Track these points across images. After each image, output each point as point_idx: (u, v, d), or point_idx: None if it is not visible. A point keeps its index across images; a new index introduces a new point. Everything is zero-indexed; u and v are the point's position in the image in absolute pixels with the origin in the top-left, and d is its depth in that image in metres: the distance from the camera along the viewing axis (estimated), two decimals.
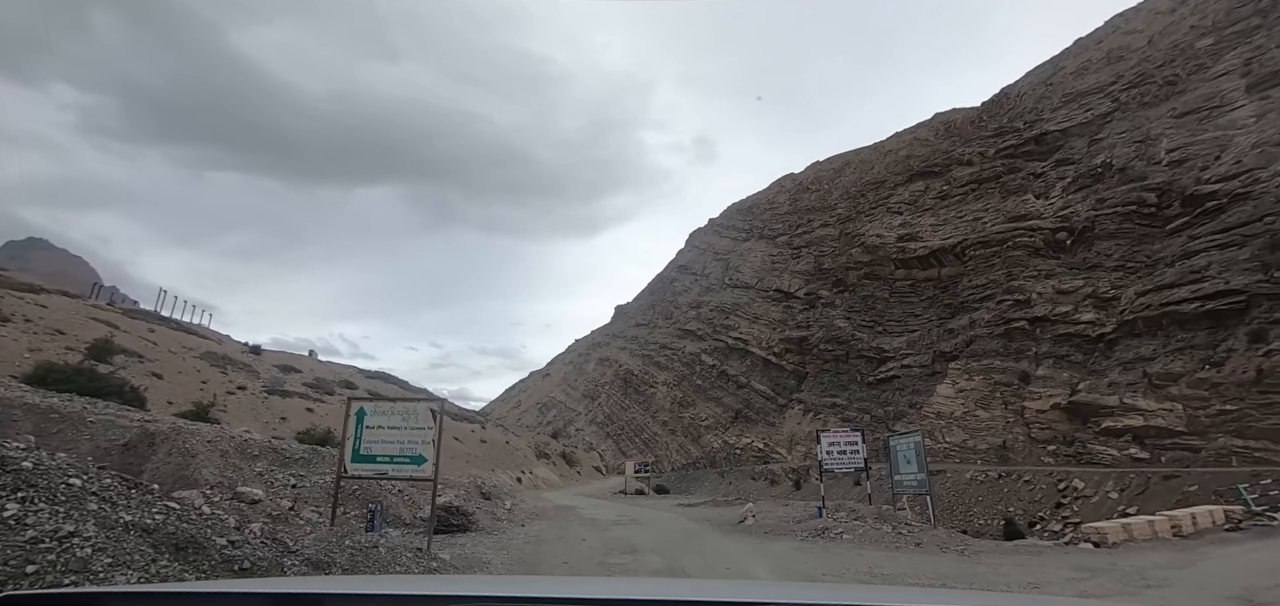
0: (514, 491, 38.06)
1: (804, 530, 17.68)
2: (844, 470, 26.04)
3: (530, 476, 51.63)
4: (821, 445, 24.69)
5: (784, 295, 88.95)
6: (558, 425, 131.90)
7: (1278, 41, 49.61)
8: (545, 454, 64.15)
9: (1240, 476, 34.08)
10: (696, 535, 18.29)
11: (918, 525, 19.27)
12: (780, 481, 75.74)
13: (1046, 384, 47.29)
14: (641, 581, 5.65)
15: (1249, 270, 39.26)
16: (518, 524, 19.77)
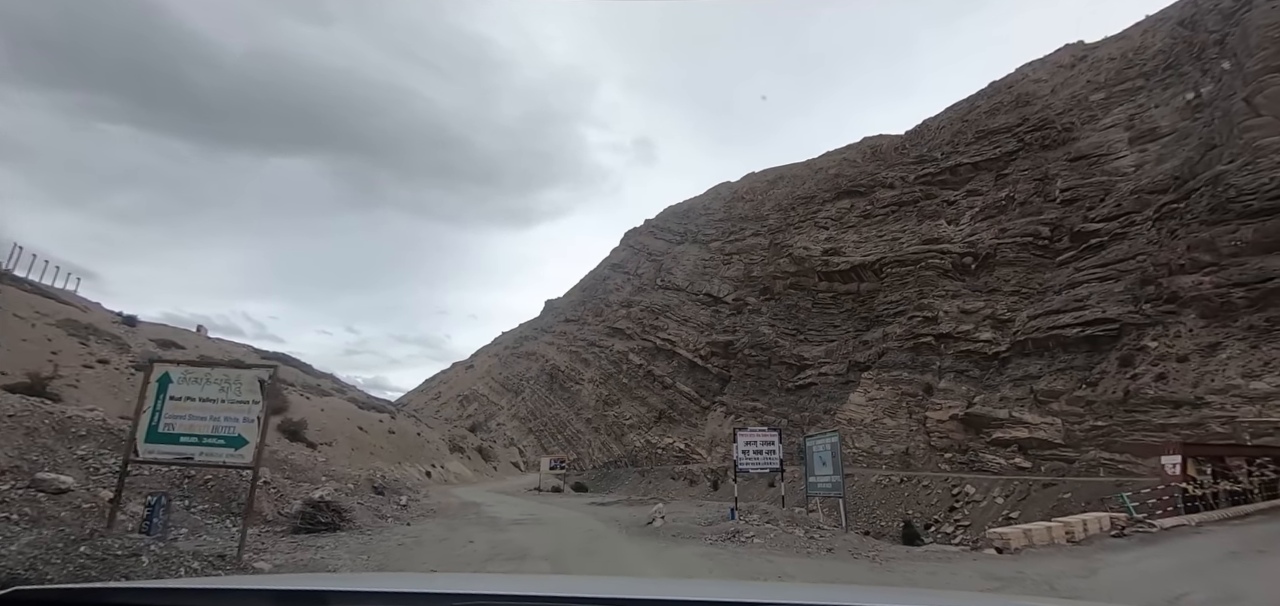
0: (419, 487, 35.89)
1: (714, 533, 16.90)
2: (759, 471, 24.32)
3: (442, 471, 49.09)
4: (737, 444, 23.36)
5: (713, 299, 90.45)
6: (478, 419, 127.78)
7: (1156, 102, 55.67)
8: (460, 448, 61.48)
9: (1106, 486, 37.52)
10: (601, 537, 17.22)
11: (830, 529, 18.97)
12: (699, 481, 76.69)
13: (947, 396, 50.40)
14: (641, 581, 5.73)
15: (1122, 302, 43.53)
16: (404, 523, 18.11)
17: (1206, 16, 55.68)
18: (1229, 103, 46.23)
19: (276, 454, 22.16)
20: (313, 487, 17.15)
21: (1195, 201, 44.29)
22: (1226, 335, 36.14)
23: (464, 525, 19.09)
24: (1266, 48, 45.51)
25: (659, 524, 20.95)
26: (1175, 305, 39.67)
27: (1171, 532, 14.87)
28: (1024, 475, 40.80)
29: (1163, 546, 12.61)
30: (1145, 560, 11.02)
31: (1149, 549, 12.27)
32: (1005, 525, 41.68)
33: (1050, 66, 73.41)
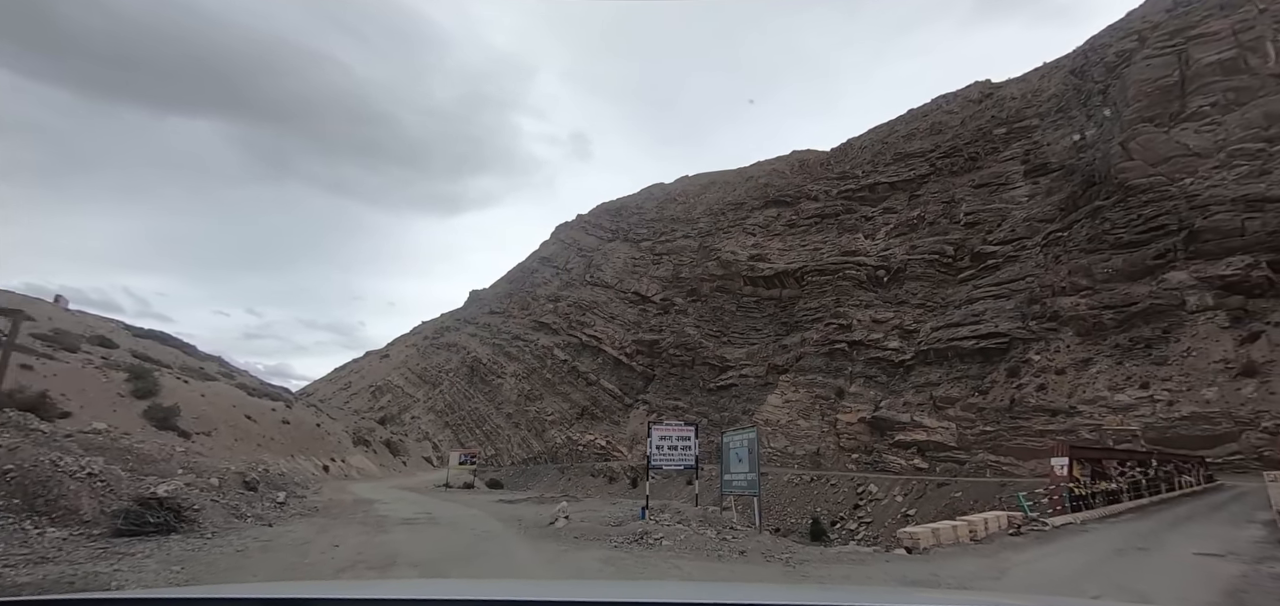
0: (311, 483, 32.89)
1: (621, 534, 15.67)
2: (674, 468, 22.84)
3: (342, 465, 45.59)
4: (652, 439, 21.90)
5: (641, 298, 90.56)
6: (391, 411, 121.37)
7: (1049, 140, 61.17)
8: (365, 441, 57.52)
9: (992, 487, 40.50)
10: (494, 540, 15.81)
11: (744, 530, 18.04)
12: (619, 479, 76.32)
13: (856, 400, 52.81)
14: (641, 583, 5.54)
15: (1012, 318, 47.29)
16: (267, 523, 16.00)
17: (1094, 68, 61.87)
18: (1108, 146, 51.51)
19: (122, 440, 19.43)
20: (160, 481, 14.90)
21: (1076, 231, 48.92)
22: (1097, 352, 39.98)
23: (341, 526, 17.13)
24: (1141, 100, 51.07)
25: (562, 524, 19.38)
26: (1056, 323, 43.52)
27: (1063, 530, 15.56)
28: (921, 475, 43.30)
29: (1058, 544, 13.18)
30: (1047, 559, 11.32)
31: (1047, 547, 12.78)
32: (904, 522, 44.22)
33: (961, 100, 79.12)
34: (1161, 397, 34.55)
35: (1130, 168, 47.53)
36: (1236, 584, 8.63)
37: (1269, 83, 45.19)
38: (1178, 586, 8.97)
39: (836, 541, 46.66)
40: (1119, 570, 10.17)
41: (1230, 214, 39.84)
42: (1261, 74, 45.72)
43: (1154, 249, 42.01)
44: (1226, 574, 9.35)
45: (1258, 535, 14.16)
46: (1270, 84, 45.06)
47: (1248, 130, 43.54)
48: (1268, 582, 8.56)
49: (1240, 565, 10.05)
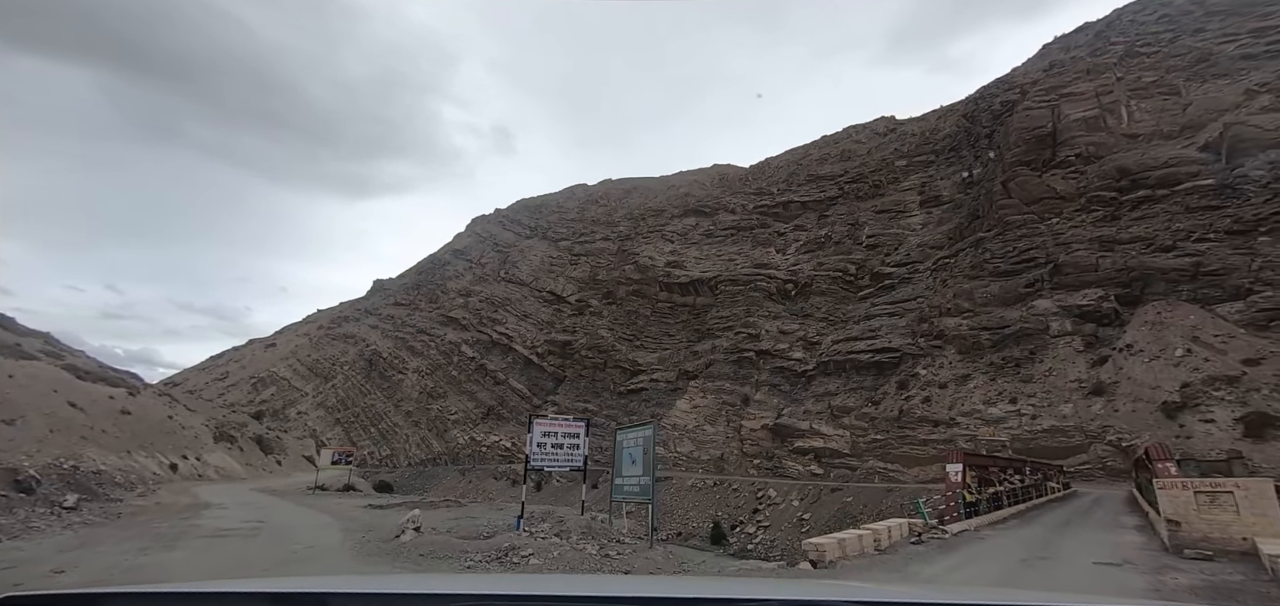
0: (148, 483, 28.42)
1: (481, 551, 12.86)
2: (559, 469, 19.77)
3: (196, 464, 40.11)
4: (532, 435, 18.28)
5: (556, 298, 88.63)
6: (275, 405, 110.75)
7: (942, 175, 66.31)
8: (230, 437, 51.25)
9: (880, 492, 42.54)
10: (316, 559, 13.03)
11: (634, 542, 15.85)
12: (520, 481, 73.82)
13: (761, 407, 54.05)
14: (640, 579, 5.43)
15: (904, 335, 50.31)
16: (11, 536, 12.98)
17: (982, 113, 67.87)
18: (991, 184, 56.46)
19: None
20: None
21: (961, 258, 53.00)
22: (974, 368, 43.22)
23: (142, 538, 14.26)
24: (1020, 146, 56.40)
25: (409, 537, 16.00)
26: (941, 341, 46.72)
27: (962, 538, 15.38)
28: (817, 481, 44.81)
29: (962, 554, 12.86)
30: (958, 571, 10.83)
31: (953, 557, 12.41)
32: (800, 526, 45.53)
33: (869, 132, 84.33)
34: (1027, 412, 37.76)
35: (1008, 205, 52.26)
36: (1154, 599, 8.67)
37: (1122, 141, 51.34)
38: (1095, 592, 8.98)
39: (735, 545, 47.40)
40: (1033, 583, 9.97)
41: (1087, 251, 44.60)
42: (1117, 133, 51.87)
43: (1025, 278, 46.21)
44: (1136, 585, 9.32)
45: (1137, 541, 14.80)
46: (1124, 142, 51.20)
47: (1104, 180, 49.16)
48: (1185, 596, 8.68)
49: (1142, 575, 10.09)
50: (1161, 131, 49.90)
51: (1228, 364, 33.18)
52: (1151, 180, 46.76)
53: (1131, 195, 46.90)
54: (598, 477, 64.55)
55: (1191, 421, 31.48)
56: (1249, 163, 43.70)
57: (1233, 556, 11.87)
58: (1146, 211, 45.36)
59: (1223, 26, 58.89)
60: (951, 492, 19.87)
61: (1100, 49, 64.24)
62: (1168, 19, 64.99)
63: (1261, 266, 37.35)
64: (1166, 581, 9.55)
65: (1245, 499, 12.55)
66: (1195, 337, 35.62)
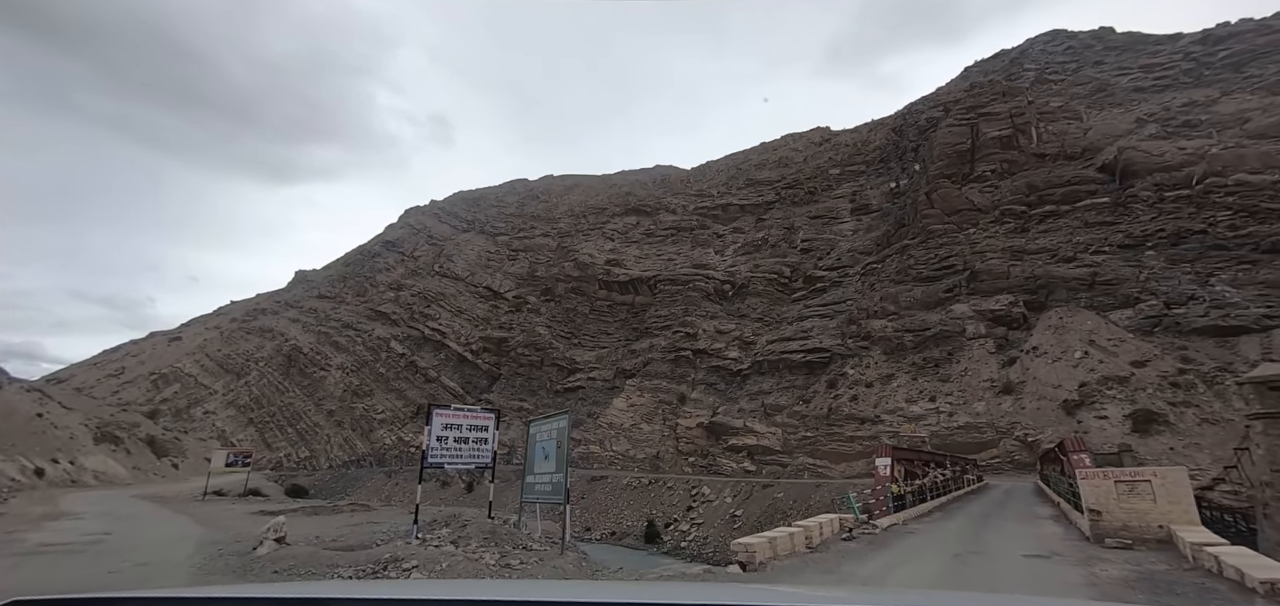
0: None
1: (356, 563, 10.99)
2: (463, 467, 17.01)
3: (69, 468, 35.73)
4: (432, 428, 15.77)
5: (493, 294, 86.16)
6: (179, 404, 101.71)
7: (871, 185, 69.23)
8: (115, 437, 46.12)
9: (810, 487, 43.58)
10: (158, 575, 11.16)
11: (542, 550, 13.93)
12: (454, 483, 70.97)
13: (696, 405, 54.34)
14: (641, 584, 5.48)
15: (834, 336, 51.91)
16: None
17: (910, 128, 71.40)
18: (916, 195, 59.35)
19: None
20: None
21: (888, 264, 55.33)
22: (898, 368, 45.07)
23: None
24: (943, 159, 59.58)
25: (267, 549, 14.00)
26: (868, 342, 48.50)
27: (892, 533, 15.23)
28: (750, 477, 45.37)
29: (895, 550, 12.19)
30: (893, 570, 10.09)
31: (885, 554, 11.88)
32: (732, 523, 45.92)
33: (805, 141, 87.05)
34: (945, 409, 39.67)
35: (931, 215, 55.07)
36: (1090, 591, 8.47)
37: (1032, 160, 55.19)
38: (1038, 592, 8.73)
39: (669, 542, 47.30)
40: (970, 581, 9.69)
41: (1000, 260, 47.53)
42: (1027, 151, 55.70)
43: (945, 284, 48.72)
44: (1071, 579, 9.15)
45: (1056, 531, 15.11)
46: (1033, 161, 55.05)
47: (1015, 195, 52.66)
48: (1118, 588, 8.53)
49: (1072, 566, 10.04)
50: (1065, 152, 54.01)
51: (1119, 365, 36.06)
52: (1056, 196, 50.50)
53: (1039, 209, 50.45)
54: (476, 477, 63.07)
55: (1088, 418, 33.95)
56: (1138, 184, 48.00)
57: (1150, 544, 12.05)
58: (1051, 225, 48.90)
59: (1119, 60, 64.64)
60: (881, 486, 19.27)
61: (1014, 74, 69.05)
62: (1072, 51, 70.73)
63: (1147, 277, 40.96)
64: (1098, 573, 9.41)
65: (1162, 487, 12.72)
66: (1092, 341, 38.55)
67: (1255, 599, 7.03)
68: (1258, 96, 50.13)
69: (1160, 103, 54.74)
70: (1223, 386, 32.40)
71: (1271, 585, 6.97)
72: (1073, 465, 18.16)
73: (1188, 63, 59.98)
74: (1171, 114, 52.25)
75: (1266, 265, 38.02)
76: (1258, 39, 58.49)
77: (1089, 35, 70.82)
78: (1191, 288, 38.76)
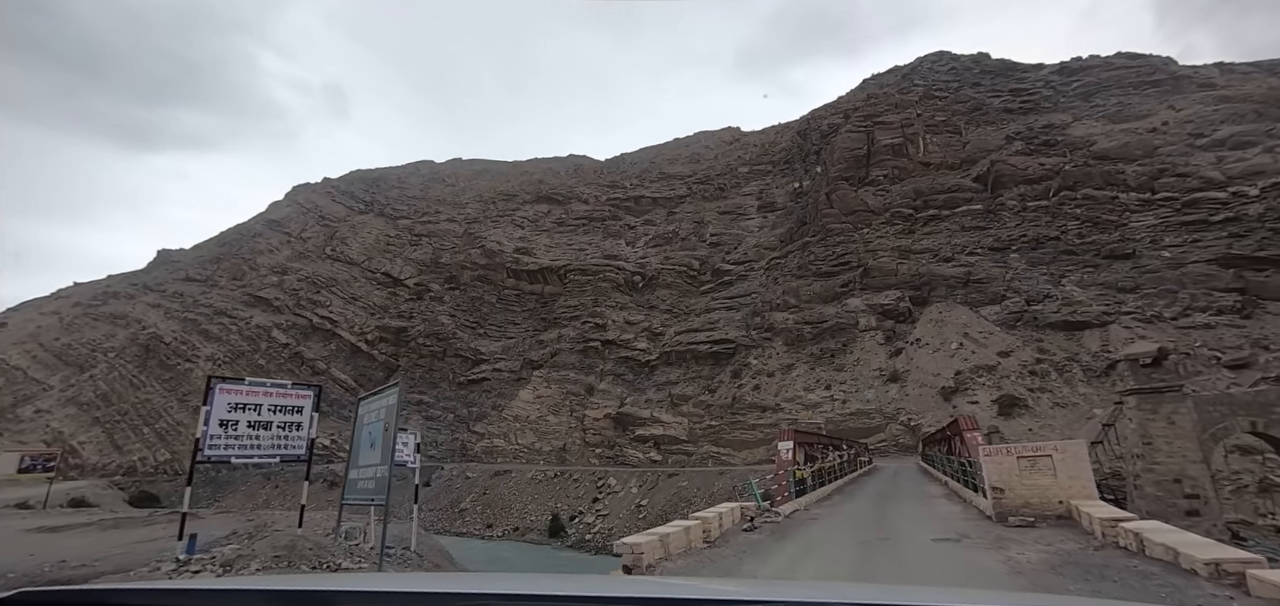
0: None
1: None
2: (263, 460, 13.10)
3: None
4: (212, 407, 11.93)
5: (392, 280, 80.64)
6: (1, 402, 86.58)
7: (777, 184, 71.82)
8: None
9: (713, 475, 44.17)
10: None
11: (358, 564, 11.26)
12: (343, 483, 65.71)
13: (604, 396, 53.65)
14: (640, 580, 5.56)
15: (739, 327, 53.15)
16: None
17: (813, 132, 74.80)
18: (817, 195, 62.18)
19: None
20: None
21: (790, 260, 57.49)
22: (797, 359, 46.83)
23: None
24: (842, 163, 62.83)
25: None
26: (771, 333, 50.06)
27: (794, 520, 14.50)
28: (656, 467, 45.33)
29: (798, 540, 10.98)
30: (800, 563, 8.51)
31: (789, 544, 10.60)
32: (638, 513, 45.62)
33: (717, 139, 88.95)
34: (839, 397, 41.63)
35: (830, 215, 57.89)
36: (1019, 581, 7.62)
37: (919, 168, 59.50)
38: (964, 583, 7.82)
39: (573, 536, 46.22)
40: (882, 570, 8.83)
41: (890, 258, 50.74)
42: (915, 160, 59.98)
43: (841, 279, 51.31)
44: (989, 565, 8.39)
45: (954, 511, 14.97)
46: (919, 169, 59.35)
47: (904, 199, 56.51)
48: (1047, 577, 7.55)
49: (986, 551, 9.35)
50: (947, 162, 58.74)
51: (987, 355, 39.49)
52: (938, 202, 54.75)
53: (924, 213, 54.43)
54: (429, 474, 59.43)
55: (962, 403, 36.83)
56: (1006, 194, 53.11)
57: (1051, 521, 11.69)
58: (934, 227, 52.91)
59: (992, 83, 71.27)
60: (783, 471, 18.52)
61: (906, 89, 74.22)
62: (955, 72, 77.16)
63: (1012, 277, 45.28)
64: (1015, 557, 8.62)
65: (1062, 462, 12.39)
66: (966, 334, 41.99)
67: (1196, 580, 6.33)
68: (1101, 123, 57.07)
69: (1025, 123, 60.94)
70: (1071, 374, 36.33)
71: (1217, 565, 6.19)
72: (968, 444, 18.22)
73: (1048, 89, 67.29)
74: (1034, 133, 58.29)
75: (1106, 269, 43.23)
76: (1103, 74, 66.72)
77: (969, 59, 77.65)
78: (1047, 287, 43.30)
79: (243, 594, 1.79)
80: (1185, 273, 39.92)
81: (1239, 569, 6.08)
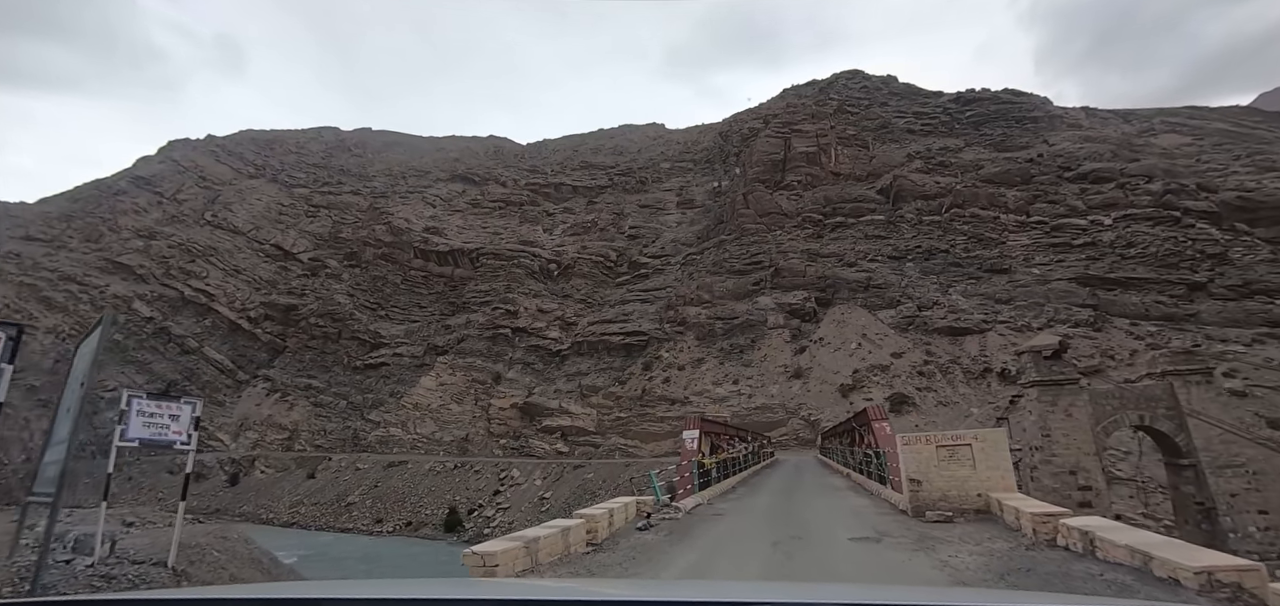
0: None
1: None
2: None
3: None
4: None
5: (283, 253, 73.71)
6: None
7: (697, 183, 72.61)
8: None
9: (620, 467, 43.56)
10: None
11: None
12: (211, 476, 58.99)
13: (512, 385, 51.68)
14: (641, 583, 5.64)
15: (653, 320, 53.00)
16: None
17: (733, 135, 76.31)
18: (734, 195, 63.38)
19: None
20: None
21: (705, 256, 58.16)
22: (707, 353, 47.30)
23: None
24: (759, 166, 64.42)
25: None
26: (683, 327, 50.29)
27: (696, 515, 13.24)
28: (562, 459, 44.10)
29: (700, 539, 9.07)
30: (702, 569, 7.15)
31: (687, 547, 8.52)
32: (541, 506, 44.21)
33: (641, 133, 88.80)
34: (745, 391, 42.39)
35: (746, 215, 59.16)
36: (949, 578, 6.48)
37: (829, 177, 62.14)
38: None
39: (471, 530, 43.98)
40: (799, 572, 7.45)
41: (799, 261, 52.50)
42: (827, 169, 62.60)
43: (752, 278, 52.47)
44: (919, 569, 7.11)
45: (864, 504, 14.33)
46: (830, 178, 61.99)
47: (815, 206, 58.79)
48: (980, 576, 6.48)
49: (911, 552, 8.10)
50: (855, 175, 61.77)
51: (882, 356, 41.65)
52: (845, 211, 57.41)
53: (832, 219, 56.86)
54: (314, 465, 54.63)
55: (858, 400, 38.53)
56: (905, 207, 56.62)
57: (969, 515, 10.87)
58: (840, 234, 55.40)
59: (898, 105, 75.78)
60: (687, 461, 17.30)
61: (822, 102, 77.43)
62: (866, 91, 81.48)
63: (907, 285, 48.18)
64: (947, 559, 7.30)
65: (982, 451, 11.53)
66: (864, 335, 44.11)
67: (1180, 590, 5.29)
68: (988, 151, 62.25)
69: (924, 144, 65.34)
70: (953, 375, 39.02)
71: (1208, 574, 5.18)
72: (877, 434, 17.52)
73: (945, 116, 72.62)
74: (932, 154, 62.60)
75: (986, 281, 47.01)
76: (991, 106, 72.93)
77: (879, 80, 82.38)
78: (936, 295, 46.43)
79: (221, 602, 1.77)
80: (1050, 288, 44.18)
81: (1235, 577, 5.10)
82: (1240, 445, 21.96)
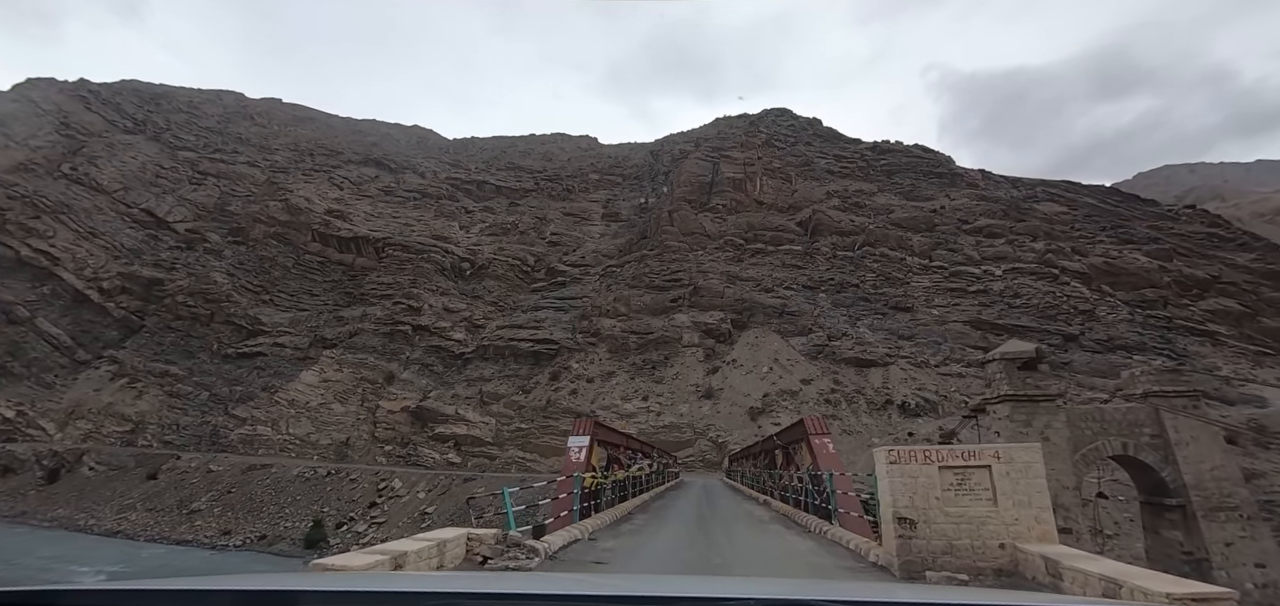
0: None
1: None
2: None
3: None
4: None
5: (155, 220, 65.09)
6: None
7: (624, 197, 71.59)
8: None
9: (513, 481, 40.62)
10: None
11: None
12: (25, 470, 49.86)
13: (406, 387, 47.44)
14: (640, 578, 5.22)
15: (566, 330, 50.71)
16: None
17: (664, 155, 76.34)
18: (660, 212, 62.76)
19: None
20: None
21: (626, 270, 56.81)
22: (619, 367, 45.57)
23: None
24: (686, 187, 64.32)
25: None
26: (597, 339, 48.37)
27: (562, 559, 8.55)
28: (452, 469, 40.47)
29: None
30: None
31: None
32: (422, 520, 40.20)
33: (573, 143, 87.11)
34: (655, 408, 40.91)
35: (670, 233, 58.56)
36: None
37: (753, 204, 62.98)
38: None
39: (337, 545, 39.18)
40: None
41: (718, 282, 52.25)
42: (752, 196, 63.44)
43: (671, 295, 51.60)
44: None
45: (811, 549, 9.95)
46: (753, 205, 62.83)
47: (738, 231, 59.17)
48: None
49: None
50: (777, 205, 62.98)
51: (792, 381, 41.58)
52: (765, 238, 58.13)
53: (753, 245, 57.34)
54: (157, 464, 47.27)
55: (765, 424, 38.00)
56: (821, 241, 58.14)
57: (987, 577, 6.88)
58: (759, 260, 55.87)
59: (821, 147, 78.71)
60: (568, 478, 12.29)
61: (752, 133, 79.15)
62: (791, 129, 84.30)
63: (819, 314, 48.94)
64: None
65: (1006, 477, 7.25)
66: (776, 359, 44.04)
67: None
68: (898, 198, 65.57)
69: (842, 185, 67.94)
70: (857, 405, 39.42)
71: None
72: (816, 453, 13.62)
73: (861, 162, 76.20)
74: (849, 195, 65.07)
75: (891, 318, 48.60)
76: (902, 158, 77.37)
77: (805, 121, 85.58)
78: (845, 326, 47.38)
79: (213, 594, 1.78)
80: (947, 329, 46.21)
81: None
82: (1233, 485, 18.20)
